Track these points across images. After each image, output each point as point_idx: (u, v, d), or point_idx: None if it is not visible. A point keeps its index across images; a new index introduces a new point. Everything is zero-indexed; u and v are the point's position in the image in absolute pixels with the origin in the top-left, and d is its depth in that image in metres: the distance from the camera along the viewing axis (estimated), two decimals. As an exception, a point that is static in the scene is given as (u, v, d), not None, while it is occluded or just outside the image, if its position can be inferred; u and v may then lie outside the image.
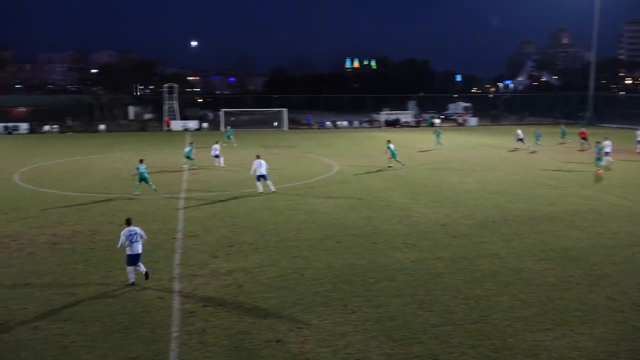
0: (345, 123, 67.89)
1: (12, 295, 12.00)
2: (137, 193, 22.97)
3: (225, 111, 64.03)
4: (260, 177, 23.24)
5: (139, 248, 12.62)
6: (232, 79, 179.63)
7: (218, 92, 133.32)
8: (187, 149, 31.20)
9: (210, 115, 72.07)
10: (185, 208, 20.66)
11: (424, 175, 28.31)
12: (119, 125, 65.20)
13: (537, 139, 39.46)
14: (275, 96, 74.60)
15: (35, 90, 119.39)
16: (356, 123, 68.48)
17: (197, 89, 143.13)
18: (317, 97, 79.80)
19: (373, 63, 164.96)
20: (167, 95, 64.34)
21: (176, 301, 11.66)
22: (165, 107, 64.09)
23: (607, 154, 30.69)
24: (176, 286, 12.54)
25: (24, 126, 60.06)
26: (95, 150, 41.22)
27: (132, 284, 12.60)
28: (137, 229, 12.82)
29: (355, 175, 28.55)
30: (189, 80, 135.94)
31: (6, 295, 12.02)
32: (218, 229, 17.61)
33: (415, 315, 10.93)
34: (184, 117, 66.10)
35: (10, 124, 60.01)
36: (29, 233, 17.13)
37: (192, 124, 64.48)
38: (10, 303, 11.55)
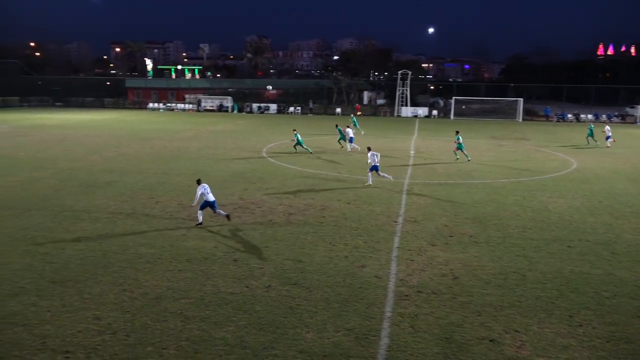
0: (590, 116, 61.17)
1: (253, 255, 13.70)
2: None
3: (456, 99, 62.93)
4: (373, 169, 22.28)
5: (211, 197, 15.91)
6: (466, 66, 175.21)
7: (451, 80, 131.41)
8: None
9: (441, 102, 71.57)
10: (408, 194, 21.00)
11: (687, 182, 24.02)
12: (353, 109, 68.91)
13: None
14: (511, 85, 70.62)
15: (285, 75, 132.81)
16: (604, 117, 61.15)
17: (430, 76, 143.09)
18: (559, 87, 73.14)
19: (632, 50, 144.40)
20: (400, 81, 65.72)
21: (392, 283, 12.00)
22: (398, 94, 65.56)
23: None
24: (393, 268, 12.89)
25: (273, 107, 67.61)
26: (330, 131, 44.32)
27: (200, 223, 16.00)
28: (206, 185, 16.04)
29: (597, 174, 25.60)
30: (423, 67, 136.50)
31: (250, 254, 13.78)
32: (439, 217, 17.53)
33: (658, 342, 9.44)
34: (414, 104, 66.83)
35: (263, 105, 68.13)
36: (270, 202, 19.30)
37: (422, 111, 64.85)
38: (251, 262, 13.22)
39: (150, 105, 70.86)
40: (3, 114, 59.58)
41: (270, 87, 53.83)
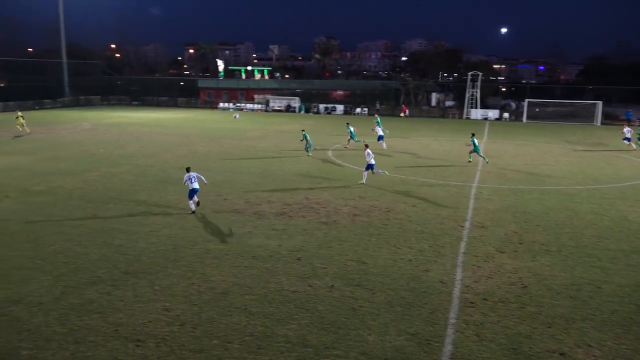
0: (678, 121, 57.14)
1: (316, 255, 13.80)
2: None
3: (529, 101, 60.71)
4: (370, 168, 22.54)
5: (195, 185, 17.37)
6: (541, 67, 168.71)
7: (524, 81, 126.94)
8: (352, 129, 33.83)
9: (513, 105, 69.28)
10: (476, 198, 20.47)
11: None
12: (421, 111, 67.95)
13: None
14: (589, 87, 67.35)
15: (352, 76, 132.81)
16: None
17: (501, 78, 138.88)
18: (643, 89, 68.83)
19: None
20: (470, 83, 64.20)
21: (457, 289, 11.73)
22: (467, 95, 64.09)
23: None
24: (458, 274, 12.60)
25: (340, 108, 67.81)
26: (397, 133, 43.90)
27: (193, 212, 17.43)
28: (194, 174, 17.56)
29: (684, 184, 23.93)
30: (494, 68, 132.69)
31: (313, 254, 13.88)
32: (508, 223, 16.97)
33: None
34: (484, 106, 65.07)
35: (329, 105, 68.49)
36: (335, 202, 19.36)
37: (492, 114, 63.03)
38: (315, 261, 13.31)
39: (221, 105, 72.86)
40: (86, 112, 63.12)
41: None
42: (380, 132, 34.39)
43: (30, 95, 67.21)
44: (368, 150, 22.71)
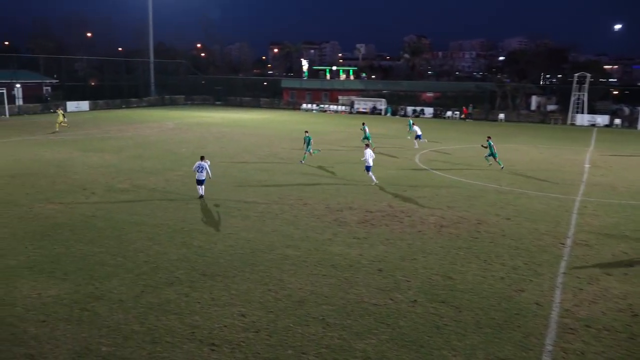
0: None
1: (399, 267, 13.64)
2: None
3: (645, 106, 56.86)
4: (368, 169, 23.57)
5: (202, 175, 20.00)
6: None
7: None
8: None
9: (626, 110, 65.15)
10: (579, 213, 19.43)
11: None
12: (519, 115, 65.47)
13: None
14: None
15: (444, 77, 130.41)
16: None
17: (613, 79, 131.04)
18: None
19: None
20: (576, 85, 61.10)
21: (555, 312, 11.16)
22: (573, 99, 61.04)
23: None
24: (557, 296, 11.99)
25: (429, 110, 66.83)
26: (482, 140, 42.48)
27: (201, 196, 20.17)
28: (205, 164, 19.99)
29: None
30: (605, 69, 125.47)
31: (396, 265, 13.74)
32: (617, 242, 15.95)
33: None
34: (592, 111, 61.69)
35: (418, 108, 67.70)
36: (420, 211, 19.06)
37: (601, 119, 59.62)
38: (397, 273, 13.16)
39: (304, 106, 74.04)
40: (170, 111, 66.37)
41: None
42: (419, 132, 37.56)
43: (119, 93, 71.78)
44: (368, 150, 23.70)
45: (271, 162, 29.11)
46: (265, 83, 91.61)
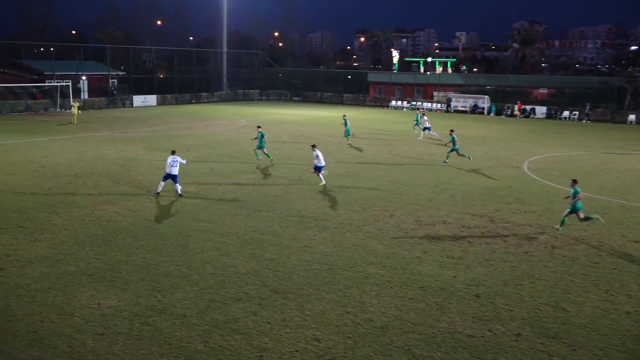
0: None
1: (501, 293, 13.29)
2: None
3: None
4: (318, 169, 24.37)
5: (174, 171, 21.32)
6: None
7: None
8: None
9: None
10: None
11: None
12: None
13: None
14: None
15: (560, 70, 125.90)
16: None
17: None
18: None
19: None
20: None
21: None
22: None
23: None
24: (698, 338, 11.24)
25: (541, 110, 64.67)
26: (616, 144, 40.57)
27: (157, 193, 21.74)
28: (178, 158, 21.43)
29: None
30: None
31: (497, 291, 13.39)
32: None
33: None
34: None
35: (528, 107, 65.68)
36: (528, 229, 18.49)
37: None
38: (498, 300, 12.83)
39: (393, 103, 73.85)
40: (243, 107, 68.28)
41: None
42: (428, 124, 42.61)
43: (189, 87, 74.56)
44: (317, 151, 24.30)
45: (354, 167, 29.22)
46: (349, 77, 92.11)
